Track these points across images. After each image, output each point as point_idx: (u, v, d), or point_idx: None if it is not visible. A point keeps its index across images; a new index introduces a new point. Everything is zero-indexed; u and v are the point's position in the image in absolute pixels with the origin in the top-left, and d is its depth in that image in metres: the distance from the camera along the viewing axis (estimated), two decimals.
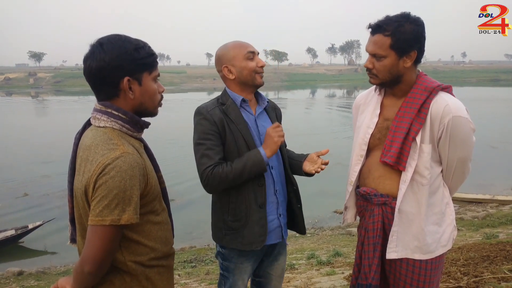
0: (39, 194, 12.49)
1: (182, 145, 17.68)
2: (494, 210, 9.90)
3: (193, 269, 6.48)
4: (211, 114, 1.97)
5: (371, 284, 1.86)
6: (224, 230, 2.06)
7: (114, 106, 1.37)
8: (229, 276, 2.12)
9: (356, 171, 1.99)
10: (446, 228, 1.88)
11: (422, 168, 1.77)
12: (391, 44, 1.72)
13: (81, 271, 1.28)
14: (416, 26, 1.73)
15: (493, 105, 33.22)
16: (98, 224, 1.24)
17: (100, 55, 1.33)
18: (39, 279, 7.18)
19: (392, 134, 1.81)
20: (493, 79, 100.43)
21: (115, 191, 1.24)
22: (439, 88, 1.78)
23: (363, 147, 1.95)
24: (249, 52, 2.00)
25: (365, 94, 2.09)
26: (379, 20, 1.76)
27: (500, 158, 15.51)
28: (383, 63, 1.76)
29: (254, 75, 2.02)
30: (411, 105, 1.79)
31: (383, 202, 1.87)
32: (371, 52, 1.79)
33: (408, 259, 1.85)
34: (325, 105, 42.50)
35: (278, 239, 2.12)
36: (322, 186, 11.17)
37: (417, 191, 1.80)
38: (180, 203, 11.10)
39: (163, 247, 1.47)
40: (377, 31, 1.74)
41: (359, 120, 2.06)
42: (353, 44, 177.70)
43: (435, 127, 1.74)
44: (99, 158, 1.27)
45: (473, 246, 4.70)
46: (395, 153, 1.78)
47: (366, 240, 1.92)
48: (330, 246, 7.09)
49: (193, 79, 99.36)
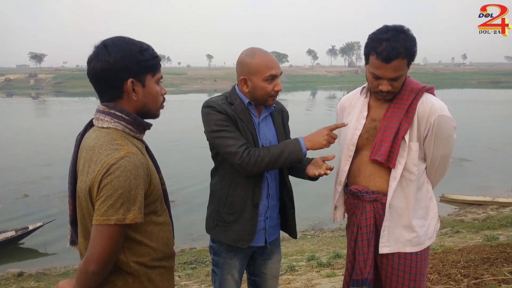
0: (39, 195, 12.49)
1: (182, 147, 17.71)
2: (494, 212, 9.88)
3: (193, 270, 6.48)
4: (222, 107, 1.97)
5: (367, 279, 1.92)
6: (216, 221, 2.09)
7: (118, 107, 1.38)
8: (218, 272, 2.15)
9: (345, 171, 2.06)
10: (431, 221, 2.00)
11: (411, 165, 1.87)
12: (407, 62, 1.79)
13: (85, 271, 1.29)
14: (410, 36, 1.77)
15: (494, 107, 33.25)
16: (103, 223, 1.25)
17: (104, 56, 1.34)
18: (39, 280, 7.17)
19: (381, 134, 1.90)
20: (493, 81, 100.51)
21: (120, 190, 1.24)
22: (424, 89, 1.89)
23: (351, 148, 2.02)
24: (270, 75, 1.95)
25: (350, 96, 2.16)
26: (389, 48, 1.72)
27: (501, 160, 15.49)
28: (400, 80, 1.83)
29: (267, 98, 2.00)
30: (399, 106, 1.88)
31: (374, 198, 1.95)
32: (392, 77, 1.79)
33: (399, 253, 1.93)
34: (325, 107, 42.50)
35: (261, 243, 2.11)
36: (322, 188, 11.16)
37: (406, 186, 1.89)
38: (180, 205, 11.10)
39: (165, 248, 1.48)
40: (395, 58, 1.73)
41: (344, 122, 2.10)
42: (353, 46, 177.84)
43: (422, 126, 1.85)
44: (104, 158, 1.28)
45: (474, 248, 4.70)
46: (386, 151, 1.87)
47: (359, 237, 1.98)
48: (330, 247, 7.08)
49: (193, 81, 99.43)
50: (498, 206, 10.57)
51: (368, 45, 1.81)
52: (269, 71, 1.94)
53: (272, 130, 2.12)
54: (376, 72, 1.80)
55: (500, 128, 21.15)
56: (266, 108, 2.11)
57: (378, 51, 1.75)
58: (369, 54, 1.81)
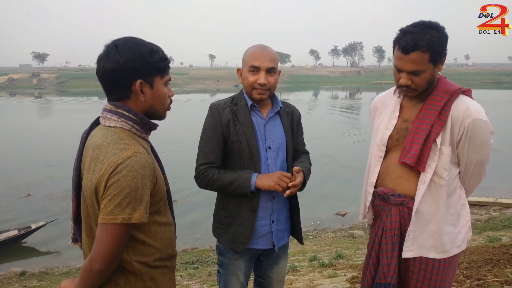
0: (42, 195, 12.51)
1: (186, 146, 17.71)
2: (497, 213, 9.85)
3: (195, 270, 6.48)
4: (220, 113, 2.04)
5: (390, 283, 1.87)
6: (217, 223, 2.15)
7: (125, 107, 1.39)
8: (223, 272, 2.16)
9: (376, 172, 2.00)
10: (461, 229, 1.91)
11: (441, 170, 1.79)
12: (430, 58, 1.72)
13: (90, 269, 1.29)
14: (441, 32, 1.73)
15: (497, 108, 33.10)
16: (109, 222, 1.25)
17: (115, 56, 1.35)
18: (42, 279, 7.19)
19: (412, 136, 1.83)
20: (496, 81, 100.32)
21: (127, 189, 1.25)
22: (460, 91, 1.80)
23: (381, 148, 1.97)
24: (252, 66, 1.98)
25: (383, 96, 2.10)
26: (409, 38, 1.70)
27: (504, 161, 15.42)
28: (423, 77, 1.76)
29: (251, 90, 2.02)
30: (432, 108, 1.80)
31: (400, 202, 1.90)
32: (410, 70, 1.75)
33: (422, 258, 1.88)
34: (327, 107, 42.48)
35: (268, 246, 2.12)
36: (324, 188, 11.17)
37: (435, 191, 1.82)
38: (182, 204, 11.10)
39: (167, 248, 1.49)
40: (414, 50, 1.70)
41: (377, 122, 2.07)
42: (356, 46, 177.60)
43: (455, 129, 1.77)
44: (111, 157, 1.29)
45: (476, 249, 4.68)
46: (416, 154, 1.80)
47: (384, 240, 1.93)
48: (332, 248, 7.07)
49: (196, 81, 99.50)
50: (501, 207, 10.53)
51: (396, 36, 1.79)
52: (252, 61, 1.99)
53: (281, 131, 2.12)
54: (397, 63, 1.78)
55: (504, 128, 21.05)
56: (272, 109, 2.12)
57: (400, 42, 1.73)
58: (394, 46, 1.79)
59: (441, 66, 1.79)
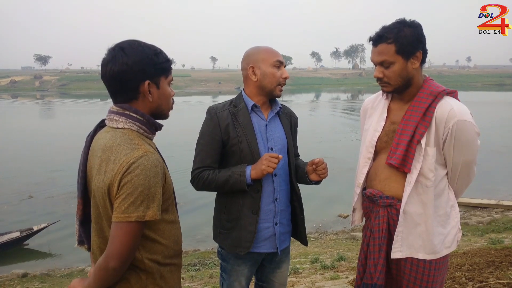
0: (44, 196, 12.52)
1: (187, 148, 17.73)
2: (499, 215, 9.82)
3: (197, 272, 6.48)
4: (218, 116, 2.02)
5: (376, 284, 1.89)
6: (219, 228, 2.12)
7: (133, 108, 1.42)
8: (226, 277, 2.15)
9: (363, 173, 2.03)
10: (451, 230, 1.92)
11: (427, 170, 1.81)
12: (396, 49, 1.76)
13: (105, 267, 1.32)
14: (414, 28, 1.78)
15: (498, 110, 33.05)
16: (124, 220, 1.29)
17: (123, 59, 1.37)
18: (44, 281, 7.20)
19: (398, 137, 1.86)
20: (498, 83, 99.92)
21: (140, 188, 1.28)
22: (445, 92, 1.82)
23: (370, 150, 1.99)
24: (278, 60, 2.01)
25: (373, 98, 2.13)
26: (378, 31, 1.80)
27: (505, 163, 15.39)
28: (392, 70, 1.80)
29: (276, 85, 2.03)
30: (417, 109, 1.82)
31: (388, 203, 1.91)
32: (378, 61, 1.82)
33: (412, 259, 1.88)
34: (329, 108, 42.47)
35: (272, 249, 2.10)
36: (326, 191, 11.15)
37: (422, 192, 1.83)
38: (184, 206, 11.10)
39: (175, 245, 1.52)
40: (380, 42, 1.78)
41: (366, 123, 2.09)
42: (357, 48, 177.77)
43: (440, 130, 1.78)
44: (123, 157, 1.32)
45: (478, 251, 4.67)
46: (401, 155, 1.82)
47: (371, 241, 1.95)
48: (334, 250, 7.07)
49: (198, 83, 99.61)
50: (503, 209, 10.49)
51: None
52: (276, 57, 2.02)
53: (281, 131, 2.13)
54: (370, 57, 1.86)
55: (505, 130, 21.03)
56: (272, 109, 2.12)
57: (371, 36, 1.82)
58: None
59: (417, 63, 1.81)
